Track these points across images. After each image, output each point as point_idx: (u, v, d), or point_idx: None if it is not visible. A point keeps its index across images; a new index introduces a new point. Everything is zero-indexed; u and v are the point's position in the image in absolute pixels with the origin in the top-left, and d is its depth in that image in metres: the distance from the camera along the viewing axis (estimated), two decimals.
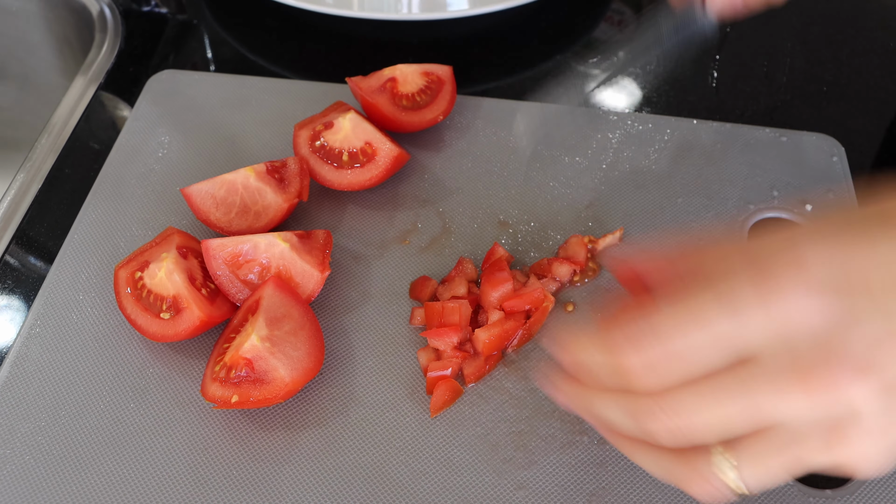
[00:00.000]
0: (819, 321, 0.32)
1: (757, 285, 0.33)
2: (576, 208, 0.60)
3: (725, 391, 0.34)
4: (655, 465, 0.38)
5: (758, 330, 0.33)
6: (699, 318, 0.34)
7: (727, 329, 0.33)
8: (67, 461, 0.49)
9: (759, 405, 0.33)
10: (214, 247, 0.53)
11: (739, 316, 0.33)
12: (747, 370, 0.34)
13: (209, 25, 0.77)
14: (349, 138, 0.59)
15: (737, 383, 0.34)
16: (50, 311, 0.55)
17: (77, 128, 0.67)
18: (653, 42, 0.45)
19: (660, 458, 0.37)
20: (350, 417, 0.50)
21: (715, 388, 0.34)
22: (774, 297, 0.33)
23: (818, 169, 0.62)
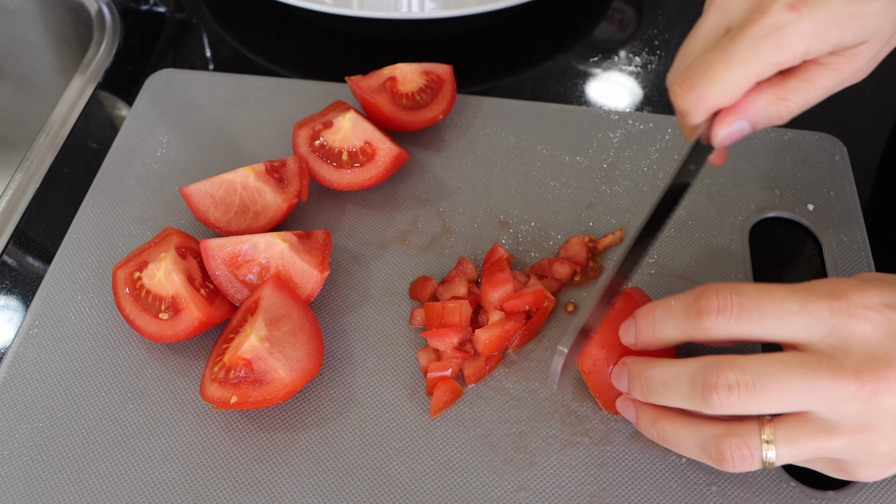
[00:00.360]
0: (872, 332, 0.39)
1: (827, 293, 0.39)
2: (577, 208, 0.60)
3: (790, 363, 0.39)
4: (692, 432, 0.42)
5: (820, 322, 0.39)
6: (771, 292, 0.40)
7: (793, 307, 0.39)
8: (66, 462, 0.49)
9: (817, 385, 0.38)
10: (213, 247, 0.53)
11: (806, 302, 0.39)
12: (811, 354, 0.39)
13: (208, 24, 0.77)
14: (349, 138, 0.59)
15: (800, 361, 0.39)
16: (48, 312, 0.55)
17: (75, 127, 0.67)
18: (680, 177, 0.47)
19: (699, 423, 0.42)
20: (349, 418, 0.50)
21: (782, 358, 0.39)
22: (840, 300, 0.39)
23: (820, 168, 0.62)
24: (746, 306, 0.40)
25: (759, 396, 0.39)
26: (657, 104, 0.69)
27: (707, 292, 0.40)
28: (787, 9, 0.41)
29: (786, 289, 0.40)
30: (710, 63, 0.43)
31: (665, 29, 0.75)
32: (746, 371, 0.39)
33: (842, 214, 0.59)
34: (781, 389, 0.39)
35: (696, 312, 0.40)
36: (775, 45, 0.41)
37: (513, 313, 0.53)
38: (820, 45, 0.42)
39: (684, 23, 0.76)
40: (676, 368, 0.41)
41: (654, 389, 0.42)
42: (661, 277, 0.56)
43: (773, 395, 0.39)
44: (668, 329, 0.42)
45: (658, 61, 0.72)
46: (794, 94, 0.44)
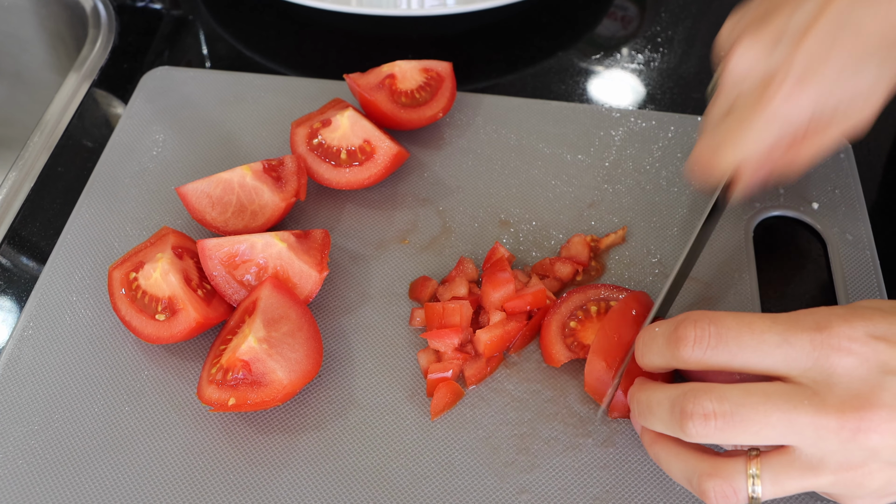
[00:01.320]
0: (857, 367, 0.38)
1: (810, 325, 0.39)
2: (578, 207, 0.60)
3: (772, 395, 0.38)
4: (680, 462, 0.41)
5: (802, 354, 0.38)
6: (751, 324, 0.39)
7: (774, 339, 0.39)
8: (61, 465, 0.49)
9: (798, 420, 0.38)
10: (210, 247, 0.53)
11: (787, 335, 0.39)
12: (792, 386, 0.38)
13: (205, 21, 0.77)
14: (347, 136, 0.59)
15: (782, 394, 0.38)
16: (43, 313, 0.55)
17: (70, 125, 0.67)
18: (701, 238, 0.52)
19: (689, 454, 0.42)
20: (349, 420, 0.50)
21: (763, 390, 0.39)
22: (823, 336, 0.38)
23: (825, 167, 0.62)
24: (724, 337, 0.39)
25: (737, 428, 0.38)
26: (660, 102, 0.69)
27: (686, 322, 0.40)
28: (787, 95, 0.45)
29: (768, 319, 0.40)
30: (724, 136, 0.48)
31: (668, 26, 0.75)
32: (725, 401, 0.38)
33: (847, 213, 0.59)
34: (761, 423, 0.38)
35: (675, 341, 0.40)
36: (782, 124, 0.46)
37: (514, 314, 0.53)
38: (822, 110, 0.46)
39: (687, 20, 0.76)
40: (660, 393, 0.41)
41: (642, 413, 0.42)
42: (664, 277, 0.56)
43: (752, 427, 0.38)
44: (653, 357, 0.43)
45: (661, 58, 0.72)
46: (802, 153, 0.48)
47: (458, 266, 0.56)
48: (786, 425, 0.38)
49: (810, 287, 0.57)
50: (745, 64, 0.47)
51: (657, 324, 0.43)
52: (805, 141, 0.47)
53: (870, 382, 0.37)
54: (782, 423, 0.38)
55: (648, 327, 0.43)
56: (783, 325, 0.39)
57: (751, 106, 0.46)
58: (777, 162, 0.48)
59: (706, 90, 0.59)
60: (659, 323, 0.43)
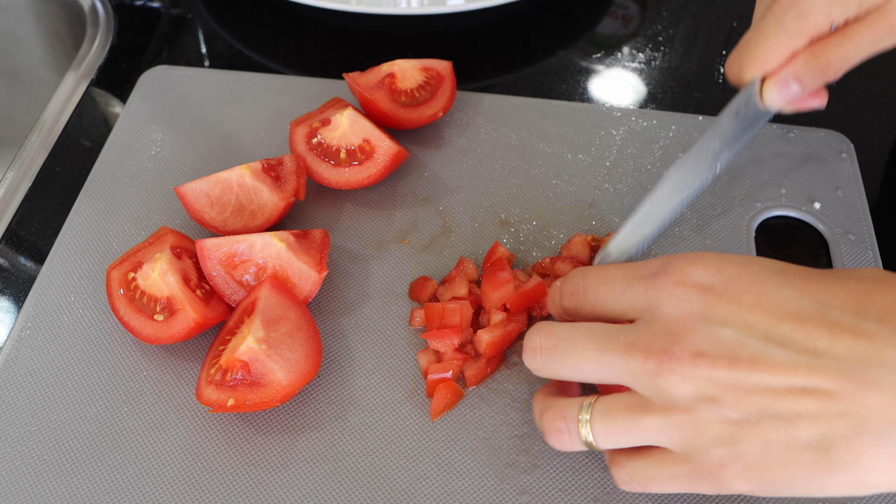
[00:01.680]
0: (676, 308, 0.39)
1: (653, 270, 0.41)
2: (579, 206, 0.60)
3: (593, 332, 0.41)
4: (536, 403, 0.45)
5: (638, 299, 0.41)
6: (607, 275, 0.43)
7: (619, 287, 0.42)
8: (59, 466, 0.49)
9: (609, 355, 0.40)
10: (209, 247, 0.53)
11: (631, 281, 0.41)
12: (617, 326, 0.41)
13: (203, 20, 0.77)
14: (347, 135, 0.59)
15: (603, 331, 0.41)
16: (41, 313, 0.55)
17: (68, 125, 0.67)
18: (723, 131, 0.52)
19: (542, 396, 0.45)
20: (348, 421, 0.50)
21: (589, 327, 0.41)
22: (657, 279, 0.40)
23: (827, 166, 0.62)
24: (587, 288, 0.43)
25: (557, 361, 0.41)
26: (661, 101, 0.69)
27: (566, 278, 0.45)
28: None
29: (621, 269, 0.42)
30: (746, 40, 0.49)
31: (669, 25, 0.75)
32: (551, 337, 0.42)
33: (849, 212, 0.59)
34: (577, 356, 0.41)
35: (559, 294, 0.45)
36: (796, 15, 0.47)
37: (514, 313, 0.53)
38: (841, 9, 0.46)
39: (688, 18, 0.76)
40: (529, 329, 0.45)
41: None
42: None
43: (570, 360, 0.41)
44: (551, 306, 0.47)
45: (662, 57, 0.72)
46: (830, 48, 0.47)
47: (458, 266, 0.56)
48: (598, 360, 0.40)
49: None
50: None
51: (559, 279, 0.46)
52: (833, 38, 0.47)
53: (682, 324, 0.38)
54: (595, 358, 0.40)
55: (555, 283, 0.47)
56: (631, 273, 0.42)
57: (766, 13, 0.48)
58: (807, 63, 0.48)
59: None
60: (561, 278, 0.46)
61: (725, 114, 0.51)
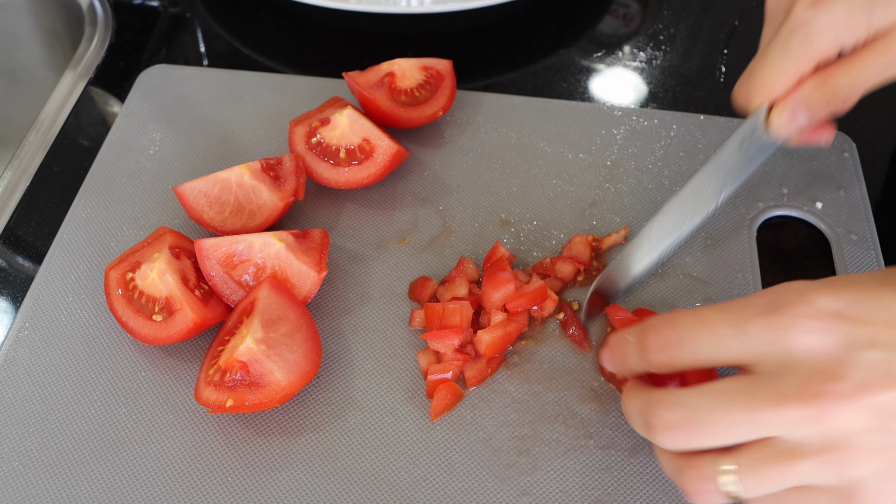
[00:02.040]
0: (816, 343, 0.36)
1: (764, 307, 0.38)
2: (579, 206, 0.60)
3: (729, 393, 0.37)
4: (667, 460, 0.41)
5: (758, 341, 0.37)
6: (706, 320, 0.39)
7: (728, 331, 0.38)
8: (57, 467, 0.49)
9: (758, 415, 0.37)
10: (208, 247, 0.53)
11: (741, 324, 0.38)
12: (749, 379, 0.38)
13: (202, 19, 0.77)
14: (346, 135, 0.59)
15: (740, 389, 0.37)
16: (38, 314, 0.55)
17: (66, 124, 0.67)
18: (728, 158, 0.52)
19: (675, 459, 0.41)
20: (348, 422, 0.50)
21: (721, 388, 0.38)
22: (778, 316, 0.37)
23: (829, 166, 0.62)
24: (683, 339, 0.39)
25: (701, 433, 0.38)
26: (662, 100, 0.69)
27: (648, 329, 0.41)
28: (806, 7, 0.46)
29: (721, 310, 0.39)
30: (753, 66, 0.49)
31: (670, 24, 0.75)
32: (683, 408, 0.38)
33: (851, 212, 0.59)
34: (722, 423, 0.37)
35: (643, 349, 0.41)
36: (801, 40, 0.46)
37: (515, 314, 0.53)
38: (848, 33, 0.45)
39: (690, 17, 0.76)
40: (629, 403, 0.41)
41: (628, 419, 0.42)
42: (667, 277, 0.56)
43: (716, 428, 0.38)
44: (629, 363, 0.42)
45: (663, 56, 0.72)
46: (838, 75, 0.47)
47: (459, 266, 0.56)
48: (749, 422, 0.37)
49: None
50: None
51: (627, 330, 0.42)
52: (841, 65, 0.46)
53: (830, 359, 0.36)
54: (745, 420, 0.37)
55: (623, 334, 0.43)
56: (737, 314, 0.38)
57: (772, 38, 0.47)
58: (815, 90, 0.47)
59: None
60: (629, 329, 0.42)
61: (729, 144, 0.50)
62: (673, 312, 0.40)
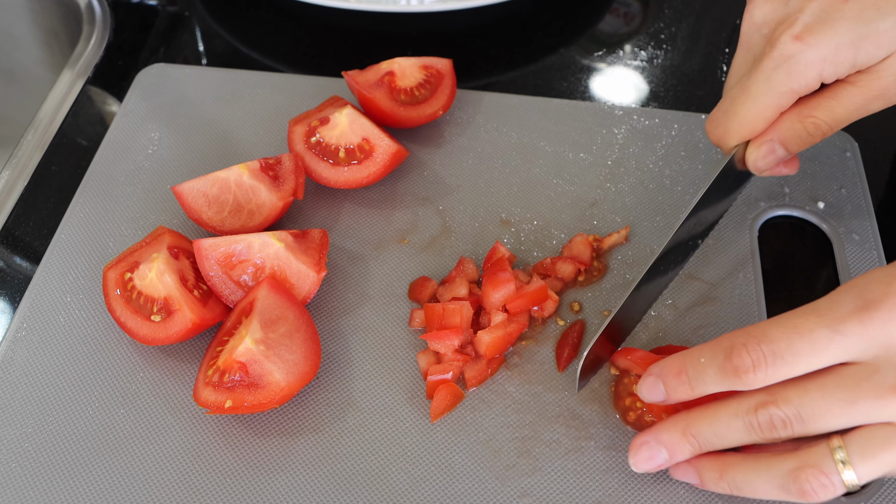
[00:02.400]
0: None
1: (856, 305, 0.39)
2: (580, 206, 0.60)
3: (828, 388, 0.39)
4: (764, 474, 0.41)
5: (856, 339, 0.38)
6: (798, 328, 0.39)
7: (824, 335, 0.39)
8: (55, 469, 0.48)
9: (860, 406, 0.38)
10: (207, 247, 0.53)
11: (835, 325, 0.38)
12: (850, 374, 0.39)
13: (201, 18, 0.77)
14: (346, 134, 0.59)
15: (839, 384, 0.39)
16: (36, 314, 0.55)
17: (64, 123, 0.67)
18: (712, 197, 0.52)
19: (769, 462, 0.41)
20: (347, 423, 0.50)
21: (820, 384, 0.39)
22: (872, 312, 0.38)
23: (831, 165, 0.62)
24: (779, 353, 0.39)
25: (807, 424, 0.39)
26: (663, 99, 0.69)
27: (735, 348, 0.40)
28: (793, 40, 0.44)
29: (811, 315, 0.39)
30: (731, 99, 0.47)
31: (671, 22, 0.75)
32: (790, 405, 0.40)
33: (853, 212, 0.59)
34: (825, 415, 0.39)
35: (734, 372, 0.40)
36: (786, 75, 0.44)
37: (515, 314, 0.53)
38: (834, 69, 0.44)
39: (691, 16, 0.76)
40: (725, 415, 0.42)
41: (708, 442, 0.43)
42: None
43: (819, 423, 0.39)
44: (708, 387, 0.42)
45: (664, 55, 0.72)
46: (819, 111, 0.46)
47: (459, 266, 0.56)
48: (849, 413, 0.39)
49: (816, 288, 0.57)
50: (763, 12, 0.46)
51: (700, 353, 0.42)
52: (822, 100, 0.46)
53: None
54: (846, 413, 0.39)
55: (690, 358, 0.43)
56: (828, 316, 0.39)
57: (758, 60, 0.45)
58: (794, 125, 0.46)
59: None
60: (701, 351, 0.42)
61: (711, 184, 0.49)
62: (755, 327, 0.40)
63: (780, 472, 0.41)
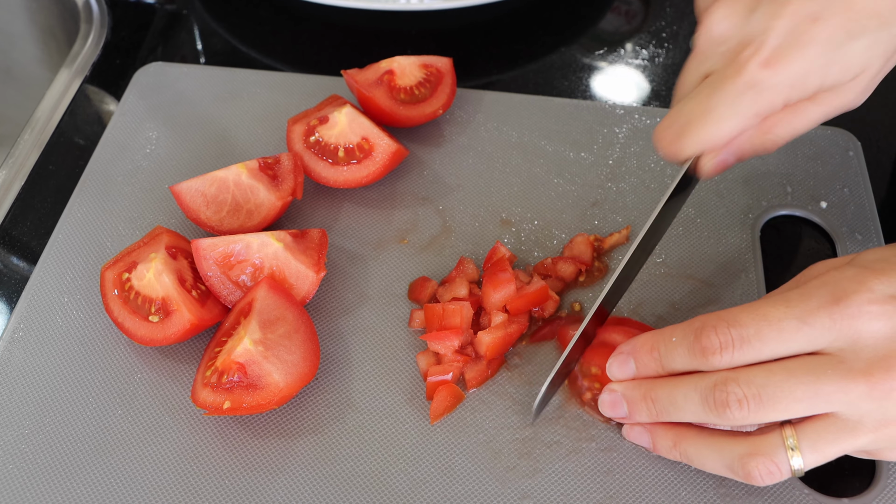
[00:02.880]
0: (882, 328, 0.39)
1: (826, 299, 0.40)
2: (581, 206, 0.60)
3: (794, 371, 0.40)
4: (714, 452, 0.43)
5: (823, 331, 0.40)
6: (767, 316, 0.41)
7: (792, 325, 0.40)
8: (52, 471, 0.49)
9: (823, 390, 0.39)
10: (205, 247, 0.53)
11: (804, 316, 0.40)
12: (816, 360, 0.40)
13: (199, 16, 0.77)
14: (345, 133, 0.59)
15: (805, 368, 0.40)
16: (33, 314, 0.55)
17: (61, 122, 0.67)
18: None
19: (722, 442, 0.43)
20: (347, 424, 0.50)
21: (785, 367, 0.40)
22: (842, 308, 0.39)
23: (833, 164, 0.62)
24: (746, 337, 0.41)
25: (766, 407, 0.40)
26: (664, 98, 0.69)
27: (705, 329, 0.42)
28: (761, 66, 0.43)
29: (781, 304, 0.41)
30: (689, 117, 0.45)
31: (673, 21, 0.75)
32: (751, 384, 0.40)
33: (856, 212, 0.59)
34: (787, 398, 0.40)
35: (701, 352, 0.42)
36: (752, 101, 0.44)
37: (516, 315, 0.53)
38: (800, 93, 0.44)
39: (692, 14, 0.75)
40: (684, 387, 0.43)
41: (664, 410, 0.44)
42: (668, 277, 0.56)
43: (780, 404, 0.40)
44: (676, 364, 0.44)
45: (666, 54, 0.72)
46: (779, 127, 0.46)
47: (459, 266, 0.56)
48: (812, 397, 0.39)
49: None
50: (722, 28, 0.45)
51: (672, 333, 0.43)
52: (784, 116, 0.45)
53: None
54: (808, 396, 0.39)
55: (662, 336, 0.44)
56: (799, 307, 0.40)
57: (720, 80, 0.44)
58: (752, 138, 0.46)
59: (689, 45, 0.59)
60: (673, 331, 0.43)
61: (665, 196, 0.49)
62: (727, 311, 0.42)
63: (731, 454, 0.42)
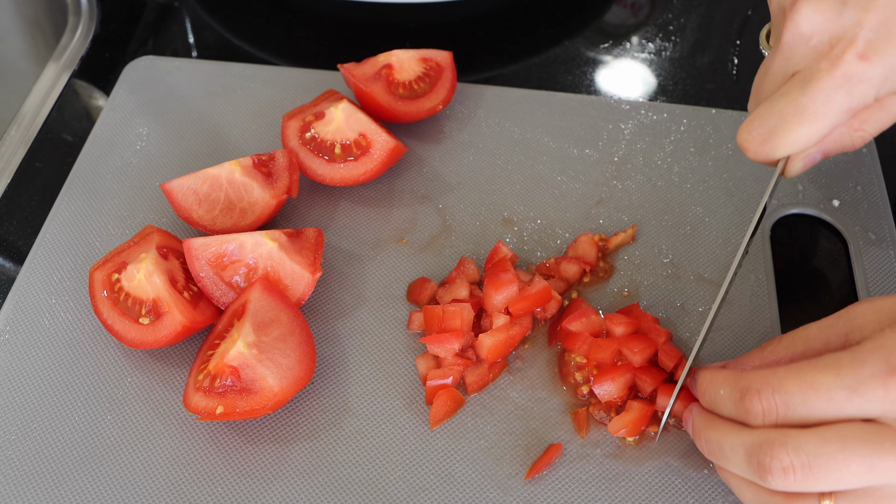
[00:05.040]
0: None
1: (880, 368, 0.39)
2: (585, 204, 0.60)
3: (850, 441, 0.39)
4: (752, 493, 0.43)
5: (876, 402, 0.39)
6: (815, 384, 0.40)
7: (842, 395, 0.39)
8: (40, 477, 0.49)
9: (881, 465, 0.38)
10: (197, 246, 0.53)
11: (856, 387, 0.39)
12: (871, 430, 0.39)
13: (191, 8, 0.77)
14: (342, 129, 0.59)
15: (861, 438, 0.39)
16: (20, 316, 0.55)
17: (49, 118, 0.67)
18: None
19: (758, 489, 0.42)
20: (343, 430, 0.50)
21: (840, 435, 0.39)
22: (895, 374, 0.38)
23: (846, 162, 0.62)
24: (792, 405, 0.40)
25: (817, 478, 0.39)
26: (671, 93, 0.69)
27: (749, 393, 0.41)
28: (858, 59, 0.43)
29: (831, 371, 0.40)
30: (781, 116, 0.45)
31: (680, 13, 0.75)
32: (802, 453, 0.39)
33: (869, 210, 0.59)
34: (841, 471, 0.39)
35: (745, 413, 0.42)
36: (847, 95, 0.44)
37: (518, 316, 0.53)
38: (891, 85, 0.44)
39: (701, 6, 0.76)
40: (733, 438, 0.42)
41: (712, 453, 0.44)
42: (676, 279, 0.56)
43: (833, 476, 0.39)
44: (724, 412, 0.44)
45: (673, 48, 0.72)
46: (869, 124, 0.46)
47: (459, 267, 0.56)
48: (867, 471, 0.39)
49: (830, 288, 0.57)
50: (812, 23, 0.45)
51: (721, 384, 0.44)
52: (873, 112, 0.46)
53: None
54: (864, 470, 0.39)
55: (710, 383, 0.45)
56: (849, 377, 0.39)
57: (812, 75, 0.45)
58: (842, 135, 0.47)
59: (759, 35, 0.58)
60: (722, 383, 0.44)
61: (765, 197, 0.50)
62: (773, 373, 0.41)
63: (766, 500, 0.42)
